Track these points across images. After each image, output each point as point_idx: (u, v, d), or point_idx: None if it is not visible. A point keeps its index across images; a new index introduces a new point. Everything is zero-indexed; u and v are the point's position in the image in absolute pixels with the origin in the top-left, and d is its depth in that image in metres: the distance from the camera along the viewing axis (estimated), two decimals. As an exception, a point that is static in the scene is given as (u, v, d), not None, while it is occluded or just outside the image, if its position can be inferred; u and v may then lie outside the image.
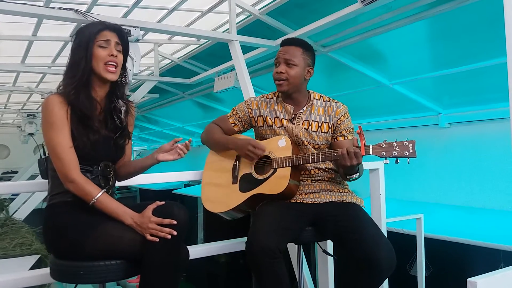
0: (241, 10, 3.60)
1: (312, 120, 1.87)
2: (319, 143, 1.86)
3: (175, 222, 1.39)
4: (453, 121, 3.77)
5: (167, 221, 1.39)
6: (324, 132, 1.86)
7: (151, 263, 1.39)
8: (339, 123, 1.86)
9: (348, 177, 1.76)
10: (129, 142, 1.69)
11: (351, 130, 1.89)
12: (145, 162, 1.69)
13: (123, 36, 1.57)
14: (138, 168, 1.70)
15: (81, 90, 1.48)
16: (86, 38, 1.50)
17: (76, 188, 1.43)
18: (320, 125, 1.86)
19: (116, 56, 1.52)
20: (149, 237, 1.39)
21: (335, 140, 1.87)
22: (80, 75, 1.48)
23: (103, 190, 1.45)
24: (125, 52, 1.59)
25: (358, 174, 1.73)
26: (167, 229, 1.38)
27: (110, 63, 1.51)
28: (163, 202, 1.48)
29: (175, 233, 1.38)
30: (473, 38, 2.88)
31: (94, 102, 1.54)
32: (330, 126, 1.87)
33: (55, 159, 1.45)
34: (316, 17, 3.12)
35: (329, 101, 1.91)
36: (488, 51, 2.87)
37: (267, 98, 1.98)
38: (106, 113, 1.58)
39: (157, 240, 1.38)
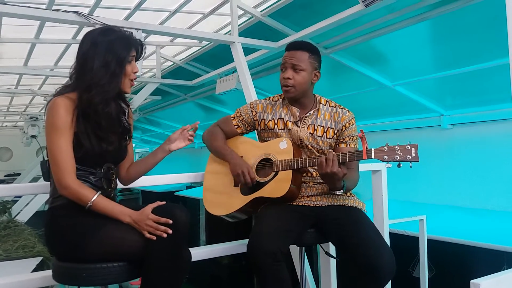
0: (243, 12, 3.60)
1: (318, 125, 1.86)
2: (323, 148, 1.86)
3: (170, 221, 1.39)
4: (456, 122, 3.75)
5: (163, 220, 1.39)
6: (329, 138, 1.86)
7: (151, 265, 1.39)
8: (343, 129, 1.85)
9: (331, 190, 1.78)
10: (130, 142, 1.70)
11: (355, 138, 1.87)
12: (156, 156, 1.71)
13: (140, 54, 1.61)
14: (149, 164, 1.72)
15: (109, 103, 1.50)
16: (123, 54, 1.51)
17: (69, 193, 1.43)
18: (325, 130, 1.85)
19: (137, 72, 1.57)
20: (147, 235, 1.39)
21: (338, 146, 1.86)
22: (112, 91, 1.50)
23: (98, 193, 1.45)
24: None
25: (342, 190, 1.73)
26: (163, 227, 1.39)
27: (133, 79, 1.56)
28: (163, 202, 1.48)
29: (170, 231, 1.38)
30: (475, 39, 2.87)
31: (118, 115, 1.56)
32: (335, 132, 1.86)
33: (52, 162, 1.46)
34: (318, 19, 3.12)
35: (335, 107, 1.90)
36: (490, 52, 2.86)
37: (272, 100, 1.97)
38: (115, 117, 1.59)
39: (154, 238, 1.38)
